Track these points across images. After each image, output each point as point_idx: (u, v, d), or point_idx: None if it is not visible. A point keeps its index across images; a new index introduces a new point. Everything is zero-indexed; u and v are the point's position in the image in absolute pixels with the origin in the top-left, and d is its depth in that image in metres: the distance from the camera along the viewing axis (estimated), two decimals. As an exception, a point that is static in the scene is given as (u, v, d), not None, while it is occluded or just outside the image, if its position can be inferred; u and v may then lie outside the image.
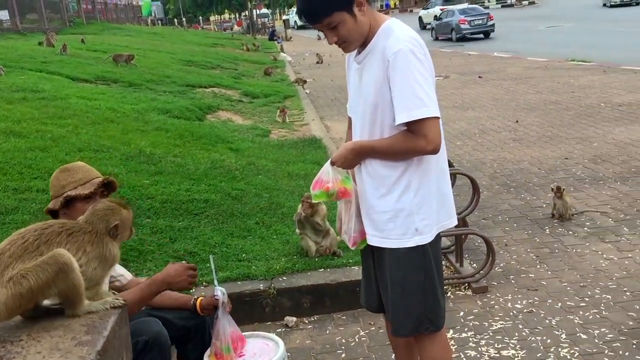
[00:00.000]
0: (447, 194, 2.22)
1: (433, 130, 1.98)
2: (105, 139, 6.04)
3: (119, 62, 12.47)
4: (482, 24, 23.90)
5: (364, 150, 2.13)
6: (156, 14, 63.93)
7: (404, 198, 2.10)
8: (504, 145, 7.19)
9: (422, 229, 2.11)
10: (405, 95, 1.97)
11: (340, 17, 2.00)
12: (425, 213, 2.11)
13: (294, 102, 11.72)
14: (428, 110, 1.96)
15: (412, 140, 2.00)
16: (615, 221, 4.58)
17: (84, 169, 2.43)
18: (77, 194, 2.31)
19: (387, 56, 1.99)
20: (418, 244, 2.12)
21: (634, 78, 10.74)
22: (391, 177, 2.10)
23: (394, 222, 2.11)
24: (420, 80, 1.97)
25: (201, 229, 4.42)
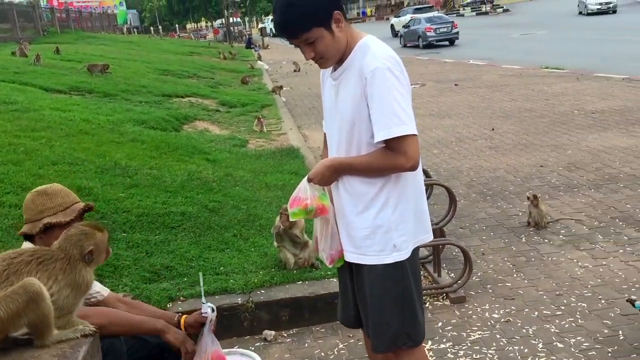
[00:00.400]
0: (424, 209, 2.23)
1: (412, 148, 1.99)
2: (79, 152, 5.95)
3: (94, 72, 12.34)
4: (447, 32, 25.29)
5: (341, 167, 2.13)
6: (132, 22, 63.60)
7: (382, 214, 2.10)
8: (480, 153, 7.26)
9: (400, 245, 2.11)
10: (384, 113, 1.97)
11: (319, 33, 2.00)
12: (403, 229, 2.12)
13: (272, 111, 11.70)
14: (407, 127, 1.97)
15: (391, 157, 2.01)
16: (589, 229, 4.64)
17: (62, 193, 2.36)
18: (57, 221, 2.26)
19: (365, 74, 1.99)
20: (397, 260, 2.12)
21: (606, 85, 10.94)
22: (369, 194, 2.11)
23: (372, 238, 2.12)
24: (398, 98, 1.98)
25: (178, 243, 4.37)
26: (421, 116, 9.99)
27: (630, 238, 4.38)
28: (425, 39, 25.33)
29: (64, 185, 4.64)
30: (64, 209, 2.31)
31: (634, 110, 8.56)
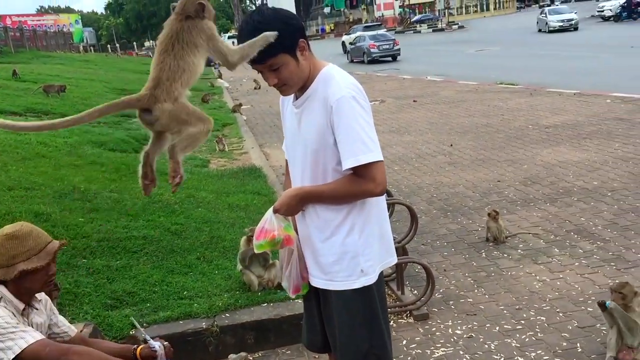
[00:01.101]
0: (388, 233, 2.28)
1: (380, 173, 2.03)
2: (36, 176, 5.83)
3: (50, 93, 12.12)
4: (389, 48, 27.27)
5: (308, 195, 2.15)
6: (88, 40, 62.76)
7: (349, 240, 2.13)
8: (440, 169, 7.39)
9: (367, 269, 2.15)
10: (351, 141, 2.01)
11: (284, 59, 2.02)
12: (370, 254, 2.16)
13: (233, 130, 11.69)
14: (374, 154, 2.01)
15: (360, 183, 2.04)
16: (546, 242, 4.78)
17: (33, 235, 2.27)
18: (33, 267, 2.20)
19: (330, 102, 2.03)
20: (364, 285, 2.15)
21: (558, 100, 11.30)
22: (335, 220, 2.14)
23: (339, 264, 2.15)
24: (363, 125, 2.02)
25: (140, 267, 4.31)
26: (381, 133, 10.13)
27: (585, 251, 4.52)
28: (370, 54, 27.23)
29: (21, 212, 4.55)
30: (37, 252, 2.24)
31: (585, 125, 8.86)
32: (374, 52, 27.08)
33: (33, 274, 2.23)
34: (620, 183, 6.00)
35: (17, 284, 2.24)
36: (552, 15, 33.69)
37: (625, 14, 33.64)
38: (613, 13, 35.13)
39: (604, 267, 4.22)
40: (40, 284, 2.31)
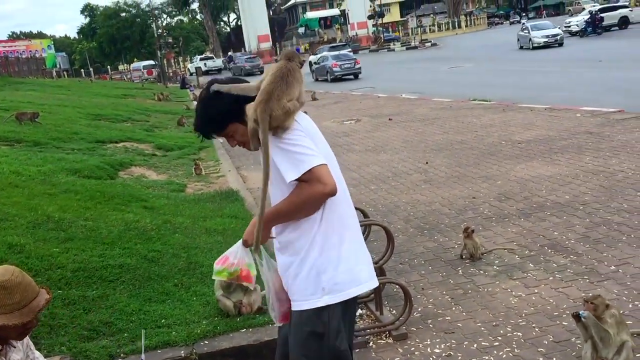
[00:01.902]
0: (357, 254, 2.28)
1: (324, 173, 2.09)
2: (9, 206, 5.75)
3: (23, 121, 12.00)
4: (351, 67, 28.69)
5: (269, 218, 2.21)
6: (61, 65, 62.27)
7: (309, 259, 2.19)
8: (416, 187, 7.46)
9: (330, 288, 2.18)
10: (286, 159, 2.10)
11: (233, 127, 2.27)
12: (333, 272, 2.19)
13: (210, 153, 11.68)
14: (311, 159, 2.07)
15: (308, 188, 2.09)
16: (521, 258, 4.84)
17: (21, 287, 2.21)
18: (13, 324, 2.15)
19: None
20: (328, 304, 2.18)
21: (530, 116, 11.51)
22: (296, 242, 2.21)
23: (303, 283, 2.20)
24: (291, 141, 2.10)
25: (117, 297, 4.28)
26: (358, 152, 10.21)
27: (558, 265, 4.59)
28: (332, 73, 28.69)
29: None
30: (21, 308, 2.19)
31: (556, 139, 9.04)
32: (337, 71, 28.60)
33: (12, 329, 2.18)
34: (592, 196, 6.12)
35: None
36: (536, 31, 32.37)
37: (590, 29, 34.52)
38: (579, 29, 35.90)
39: (577, 280, 4.29)
40: (17, 334, 2.27)
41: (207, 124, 2.31)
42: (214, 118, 2.28)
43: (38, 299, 2.26)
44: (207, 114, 2.29)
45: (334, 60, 29.16)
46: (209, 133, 2.35)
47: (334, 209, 2.21)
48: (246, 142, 2.29)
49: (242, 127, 2.25)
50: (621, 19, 36.45)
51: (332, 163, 2.23)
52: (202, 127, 2.33)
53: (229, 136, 2.31)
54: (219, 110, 2.26)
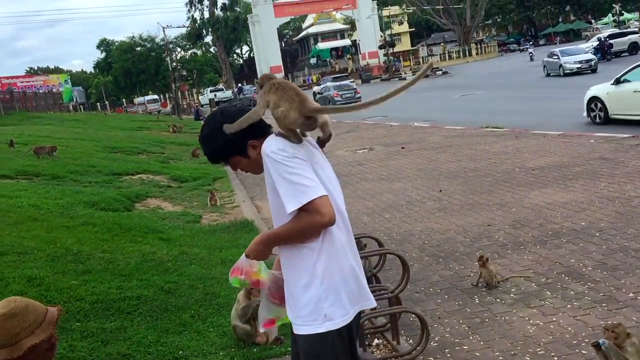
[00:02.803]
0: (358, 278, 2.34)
1: (323, 205, 2.15)
2: (29, 240, 5.85)
3: (41, 155, 12.21)
4: (351, 97, 30.67)
5: (270, 239, 2.33)
6: (77, 99, 63.37)
7: (313, 285, 2.23)
8: (430, 215, 7.47)
9: (331, 314, 2.23)
10: (288, 188, 2.16)
11: (236, 160, 2.41)
12: (334, 299, 2.24)
13: (224, 184, 11.78)
14: (311, 191, 2.14)
15: (306, 217, 2.16)
16: (537, 285, 4.82)
17: (30, 308, 2.23)
18: (39, 340, 2.21)
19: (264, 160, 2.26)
20: (328, 330, 2.23)
21: (543, 142, 11.50)
22: (300, 265, 2.26)
23: (305, 308, 2.25)
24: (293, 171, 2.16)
25: (134, 329, 4.31)
26: (371, 180, 10.25)
27: (576, 292, 4.56)
28: (333, 103, 30.31)
29: (14, 277, 4.55)
30: (39, 325, 2.24)
31: (570, 166, 9.02)
32: (338, 100, 30.46)
33: (39, 347, 2.23)
34: (608, 223, 6.09)
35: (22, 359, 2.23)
36: (567, 57, 29.49)
37: (599, 55, 34.42)
38: (588, 56, 35.80)
39: (595, 308, 4.26)
40: (44, 351, 2.32)
41: (209, 155, 2.44)
42: (216, 151, 2.40)
43: (51, 312, 2.32)
44: (209, 146, 2.40)
45: (335, 90, 31.18)
46: (213, 161, 2.47)
47: (333, 236, 2.27)
48: (248, 171, 2.42)
49: (244, 160, 2.37)
50: (631, 44, 36.42)
51: (333, 186, 2.32)
52: (207, 156, 2.45)
53: (233, 164, 2.42)
54: (220, 145, 2.35)
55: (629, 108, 12.06)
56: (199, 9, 71.60)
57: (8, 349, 2.19)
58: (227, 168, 10.69)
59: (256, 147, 2.32)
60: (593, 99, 13.15)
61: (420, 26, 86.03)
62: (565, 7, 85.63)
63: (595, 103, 13.06)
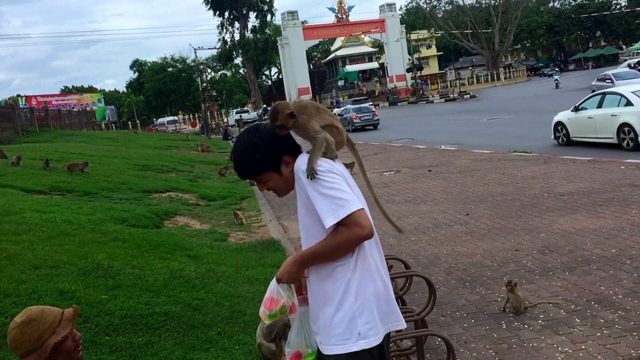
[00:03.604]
0: (389, 297, 2.33)
1: (362, 217, 2.15)
2: (61, 254, 5.98)
3: (74, 171, 12.48)
4: (370, 119, 32.00)
5: (305, 259, 2.28)
6: (110, 117, 64.73)
7: (346, 304, 2.22)
8: (457, 238, 7.43)
9: (365, 332, 2.21)
10: (326, 203, 2.16)
11: (267, 176, 2.37)
12: (368, 317, 2.23)
13: (251, 203, 11.88)
14: (350, 205, 2.14)
15: (346, 231, 2.15)
16: (566, 312, 4.75)
17: (46, 311, 2.38)
18: (62, 337, 2.30)
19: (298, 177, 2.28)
20: (363, 348, 2.21)
21: (573, 168, 11.38)
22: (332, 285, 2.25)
23: (338, 327, 2.23)
24: (328, 185, 2.18)
25: (162, 344, 4.36)
26: (398, 203, 10.24)
27: (606, 321, 4.49)
28: (353, 124, 31.50)
29: (47, 290, 4.66)
30: (59, 324, 2.35)
31: (600, 192, 8.90)
32: (357, 122, 31.63)
33: (63, 344, 2.33)
34: (639, 250, 5.98)
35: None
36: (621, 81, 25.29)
37: None
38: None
39: (626, 337, 4.18)
40: (72, 351, 2.40)
41: (241, 170, 2.42)
42: (250, 165, 2.38)
43: (67, 311, 2.42)
44: (244, 159, 2.38)
45: (354, 113, 32.31)
46: (243, 177, 2.46)
47: (367, 253, 2.27)
48: (278, 189, 2.41)
49: (276, 176, 2.36)
50: (661, 70, 35.90)
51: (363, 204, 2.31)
52: (238, 171, 2.44)
53: (262, 182, 2.41)
54: (255, 159, 2.36)
55: (585, 132, 14.23)
56: (229, 31, 72.82)
57: (35, 353, 2.31)
58: (254, 188, 10.73)
59: (289, 165, 2.35)
60: (558, 124, 15.15)
61: (448, 50, 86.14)
62: (596, 33, 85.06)
63: (560, 127, 15.09)
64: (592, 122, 13.92)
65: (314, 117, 2.34)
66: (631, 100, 12.99)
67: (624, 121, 12.83)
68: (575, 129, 14.53)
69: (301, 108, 2.34)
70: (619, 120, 12.99)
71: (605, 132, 13.52)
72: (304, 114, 2.33)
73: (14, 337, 2.30)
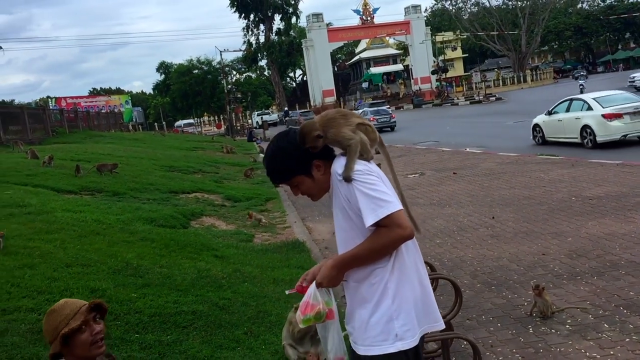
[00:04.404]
0: (427, 299, 2.34)
1: (402, 218, 2.18)
2: (92, 253, 6.11)
3: (103, 172, 12.70)
4: (387, 121, 33.21)
5: (345, 262, 2.29)
6: (137, 119, 65.56)
7: (383, 305, 2.24)
8: (482, 242, 7.39)
9: (402, 334, 2.22)
10: (366, 202, 2.18)
11: (299, 179, 2.38)
12: (405, 318, 2.24)
13: (276, 204, 11.96)
14: (389, 205, 2.17)
15: (387, 232, 2.17)
16: (595, 317, 4.71)
17: (69, 304, 2.49)
18: (69, 329, 2.38)
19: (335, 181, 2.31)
20: (400, 350, 2.22)
21: (601, 171, 11.22)
22: (369, 288, 2.26)
23: (374, 329, 2.24)
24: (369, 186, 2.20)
25: (190, 343, 4.44)
26: (422, 205, 10.21)
27: (635, 326, 4.44)
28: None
29: (78, 288, 4.77)
30: (73, 316, 2.43)
31: (629, 196, 8.77)
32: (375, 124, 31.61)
33: (77, 336, 2.39)
34: (670, 255, 5.90)
35: (71, 353, 2.41)
36: None
37: None
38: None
39: (656, 343, 4.13)
40: (88, 345, 2.45)
41: (273, 175, 2.43)
42: (281, 170, 2.39)
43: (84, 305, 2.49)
44: (274, 164, 2.40)
45: (371, 115, 33.00)
46: (275, 182, 2.48)
47: (404, 254, 2.28)
48: (311, 193, 2.42)
49: (308, 180, 2.37)
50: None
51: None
52: (270, 175, 2.45)
53: (294, 186, 2.41)
54: (285, 164, 2.37)
55: (556, 132, 16.57)
56: (255, 34, 73.30)
57: (54, 344, 2.42)
58: (281, 190, 10.79)
59: (320, 168, 2.36)
60: (536, 126, 17.46)
61: (474, 52, 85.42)
62: (625, 34, 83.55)
63: (537, 129, 17.37)
64: (561, 124, 16.17)
65: (342, 126, 2.35)
66: (591, 106, 15.18)
67: (585, 123, 15.07)
68: (549, 130, 16.82)
69: (328, 122, 2.35)
70: (581, 123, 15.21)
71: (571, 132, 15.75)
72: (332, 127, 2.34)
73: (43, 326, 2.50)
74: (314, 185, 2.39)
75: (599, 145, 14.64)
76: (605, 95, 15.87)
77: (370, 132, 2.41)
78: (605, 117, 14.57)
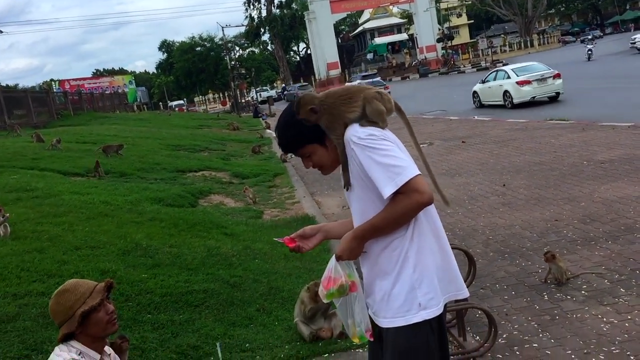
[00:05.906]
0: (449, 266, 2.25)
1: (420, 183, 2.06)
2: (101, 234, 6.08)
3: (109, 153, 12.67)
4: None
5: (364, 232, 2.19)
6: (141, 99, 65.39)
7: (404, 275, 2.16)
8: (494, 210, 7.31)
9: (426, 303, 2.15)
10: (382, 171, 2.07)
11: (312, 149, 2.28)
12: (428, 287, 2.16)
13: (284, 180, 11.90)
14: (407, 172, 2.06)
15: (406, 199, 2.07)
16: (610, 282, 4.64)
17: (80, 283, 2.48)
18: (90, 307, 2.37)
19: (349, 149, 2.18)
20: (424, 319, 2.15)
21: (613, 134, 11.05)
22: (388, 257, 2.18)
23: (397, 300, 2.17)
24: (382, 153, 2.09)
25: (202, 321, 4.42)
26: (432, 176, 10.10)
27: (652, 290, 4.37)
28: None
29: (88, 270, 4.75)
30: (89, 295, 2.42)
31: (642, 158, 8.63)
32: None
33: (94, 315, 2.37)
34: (685, 217, 5.80)
35: (85, 332, 2.39)
36: None
37: None
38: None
39: (674, 306, 4.06)
40: (104, 324, 2.45)
41: (284, 143, 2.34)
42: (292, 138, 2.31)
43: (100, 284, 2.49)
44: (284, 133, 2.32)
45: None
46: (287, 151, 2.38)
47: (423, 221, 2.19)
48: (323, 165, 2.31)
49: (321, 149, 2.27)
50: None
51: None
52: (282, 145, 2.37)
53: (306, 157, 2.32)
54: (297, 130, 2.26)
55: (488, 97, 20.80)
56: (256, 8, 72.44)
57: (67, 323, 2.40)
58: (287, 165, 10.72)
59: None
60: (474, 92, 21.70)
61: (479, 18, 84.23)
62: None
63: (475, 94, 21.69)
64: (491, 91, 20.42)
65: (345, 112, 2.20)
66: (509, 75, 19.38)
67: (505, 89, 19.31)
68: (483, 96, 21.09)
69: (327, 107, 2.21)
70: (503, 89, 19.46)
71: (497, 97, 19.97)
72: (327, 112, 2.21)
73: (50, 307, 2.45)
74: (327, 156, 2.28)
75: (516, 105, 18.76)
76: (520, 67, 19.97)
77: (387, 102, 2.30)
78: (519, 84, 18.68)
